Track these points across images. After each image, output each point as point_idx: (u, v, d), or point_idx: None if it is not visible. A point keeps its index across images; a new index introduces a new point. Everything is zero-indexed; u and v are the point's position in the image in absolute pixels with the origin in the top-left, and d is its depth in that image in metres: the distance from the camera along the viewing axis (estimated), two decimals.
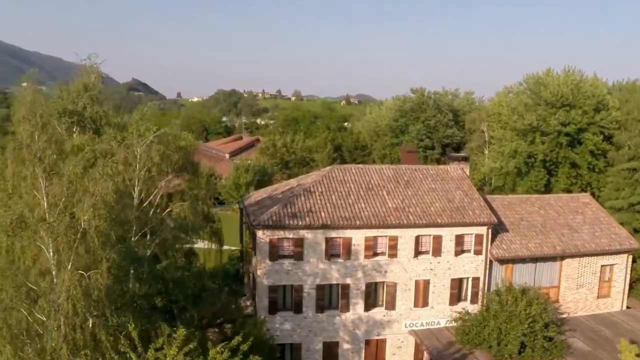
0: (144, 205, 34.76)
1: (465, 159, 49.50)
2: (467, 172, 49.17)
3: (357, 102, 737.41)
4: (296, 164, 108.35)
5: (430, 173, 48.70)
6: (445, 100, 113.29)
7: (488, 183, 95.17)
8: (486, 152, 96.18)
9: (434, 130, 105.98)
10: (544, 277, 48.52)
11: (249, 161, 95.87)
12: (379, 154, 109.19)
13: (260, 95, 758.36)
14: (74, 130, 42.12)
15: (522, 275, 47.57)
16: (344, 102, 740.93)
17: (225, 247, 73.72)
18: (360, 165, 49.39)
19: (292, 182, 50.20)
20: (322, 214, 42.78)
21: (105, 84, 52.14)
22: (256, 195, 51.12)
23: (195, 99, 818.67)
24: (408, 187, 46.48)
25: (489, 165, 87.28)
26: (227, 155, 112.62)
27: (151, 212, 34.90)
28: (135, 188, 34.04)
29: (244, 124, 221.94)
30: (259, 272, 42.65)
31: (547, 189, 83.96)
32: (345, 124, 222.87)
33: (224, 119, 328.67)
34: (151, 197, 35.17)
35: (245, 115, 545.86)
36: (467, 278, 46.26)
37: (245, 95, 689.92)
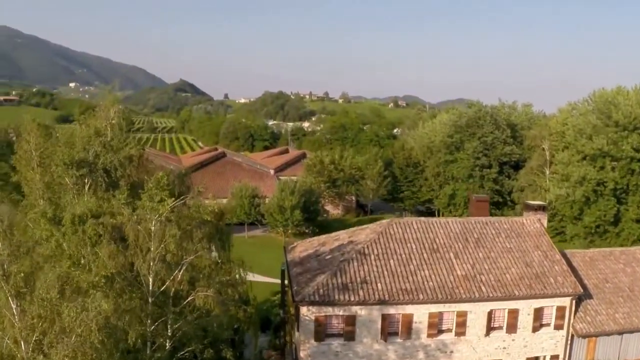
0: (158, 294, 28.56)
1: (542, 208, 42.68)
2: (545, 223, 42.55)
3: (404, 104, 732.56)
4: (344, 181, 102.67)
5: (504, 227, 41.76)
6: (502, 114, 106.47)
7: (550, 209, 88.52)
8: (547, 171, 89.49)
9: (491, 148, 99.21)
10: (630, 348, 41.42)
11: (295, 180, 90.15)
12: (432, 171, 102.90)
13: (307, 97, 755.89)
14: (86, 182, 35.10)
15: (606, 349, 40.71)
16: (391, 104, 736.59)
17: (267, 279, 68.54)
18: (423, 219, 42.31)
19: (343, 235, 43.64)
20: (379, 285, 36.35)
21: (128, 117, 44.70)
22: (301, 248, 44.62)
23: (242, 101, 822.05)
24: (479, 246, 39.77)
25: (554, 193, 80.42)
26: (272, 171, 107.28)
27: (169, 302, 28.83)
28: (149, 276, 27.85)
29: (290, 132, 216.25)
30: (302, 354, 36.38)
31: (616, 219, 77.46)
32: (395, 130, 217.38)
33: (270, 123, 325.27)
34: (167, 282, 28.66)
35: (292, 117, 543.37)
36: (545, 356, 39.48)
37: (292, 97, 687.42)
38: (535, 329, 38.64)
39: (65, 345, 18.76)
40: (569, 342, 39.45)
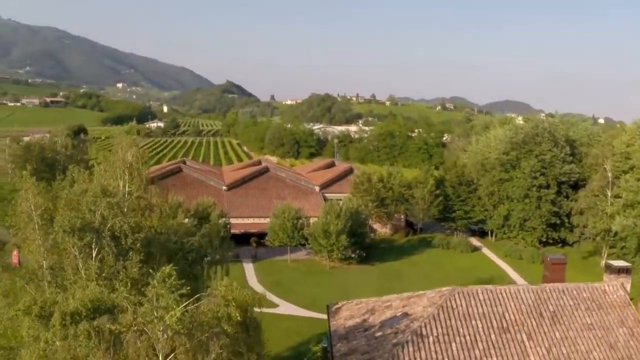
0: None
1: (626, 271, 36.82)
2: (628, 288, 36.59)
3: (452, 107, 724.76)
4: (393, 200, 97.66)
5: (583, 297, 35.48)
6: (560, 130, 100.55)
7: (610, 236, 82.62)
8: (609, 194, 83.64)
9: (549, 166, 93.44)
10: None
11: (341, 202, 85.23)
12: (486, 190, 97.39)
13: (354, 99, 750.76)
14: (93, 249, 29.33)
15: None
16: (439, 107, 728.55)
17: (310, 314, 63.89)
18: (490, 287, 35.75)
19: (396, 302, 37.83)
20: None
21: (147, 160, 38.29)
22: (346, 313, 38.79)
23: (289, 102, 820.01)
24: (555, 323, 33.60)
25: (620, 223, 74.50)
26: (317, 188, 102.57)
27: None
28: None
29: (336, 141, 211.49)
30: None
31: None
32: (444, 138, 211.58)
33: (316, 127, 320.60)
34: None
35: (338, 120, 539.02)
36: None
37: (339, 99, 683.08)
38: None
39: None
40: None
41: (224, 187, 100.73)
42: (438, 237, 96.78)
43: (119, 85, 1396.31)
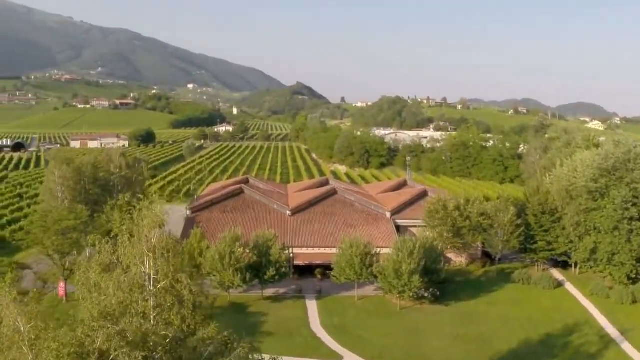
0: None
1: None
2: None
3: (525, 111, 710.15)
4: (470, 230, 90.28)
5: None
6: None
7: None
8: None
9: None
10: None
11: (415, 239, 77.78)
12: (572, 220, 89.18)
13: (425, 102, 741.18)
14: None
15: None
16: (511, 111, 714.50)
17: None
18: None
19: None
20: None
21: (174, 247, 32.59)
22: None
23: (359, 104, 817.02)
24: None
25: None
26: (388, 214, 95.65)
27: None
28: None
29: (409, 157, 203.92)
30: None
31: None
32: (521, 148, 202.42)
33: (386, 133, 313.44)
34: None
35: (409, 125, 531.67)
36: None
37: (410, 102, 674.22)
38: None
39: None
40: None
41: (288, 212, 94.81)
42: (518, 271, 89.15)
43: (190, 86, 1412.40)
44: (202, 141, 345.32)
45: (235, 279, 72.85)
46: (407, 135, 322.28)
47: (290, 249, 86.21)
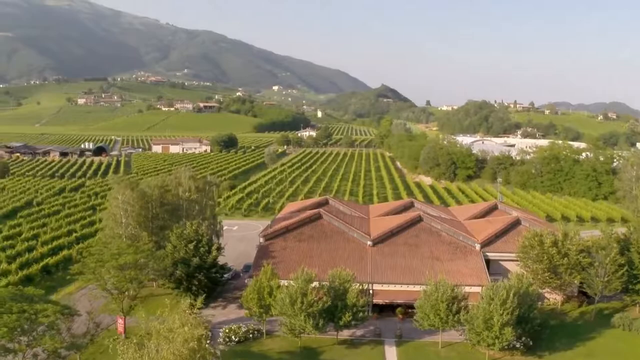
0: None
1: None
2: None
3: (614, 116, 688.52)
4: (567, 268, 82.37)
5: None
6: None
7: None
8: None
9: None
10: None
11: (508, 286, 69.91)
12: None
13: (511, 106, 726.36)
14: None
15: None
16: (600, 117, 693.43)
17: None
18: None
19: None
20: None
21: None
22: None
23: (445, 108, 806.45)
24: None
25: None
26: (478, 246, 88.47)
27: None
28: None
29: (497, 167, 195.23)
30: None
31: None
32: (614, 163, 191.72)
33: (473, 141, 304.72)
34: None
35: (495, 130, 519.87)
36: None
37: (497, 106, 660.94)
38: None
39: None
40: None
41: (369, 242, 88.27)
42: (618, 316, 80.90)
43: (275, 87, 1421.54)
44: (285, 147, 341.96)
45: (307, 325, 66.77)
46: (494, 144, 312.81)
47: (370, 285, 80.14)
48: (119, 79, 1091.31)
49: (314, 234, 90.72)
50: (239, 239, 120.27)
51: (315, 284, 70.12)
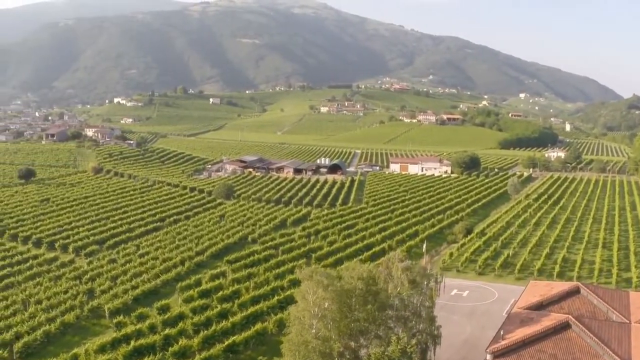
0: None
1: None
2: None
3: None
4: None
5: None
6: None
7: None
8: None
9: None
10: None
11: None
12: None
13: None
14: None
15: None
16: None
17: None
18: None
19: None
20: None
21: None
22: None
23: None
24: None
25: None
26: None
27: None
28: None
29: None
30: None
31: None
32: None
33: None
34: None
35: None
36: None
37: None
38: None
39: None
40: None
41: None
42: None
43: (522, 95, 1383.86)
44: (531, 170, 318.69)
45: None
46: None
47: None
48: (362, 87, 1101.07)
49: (557, 353, 67.63)
50: (467, 313, 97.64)
51: None
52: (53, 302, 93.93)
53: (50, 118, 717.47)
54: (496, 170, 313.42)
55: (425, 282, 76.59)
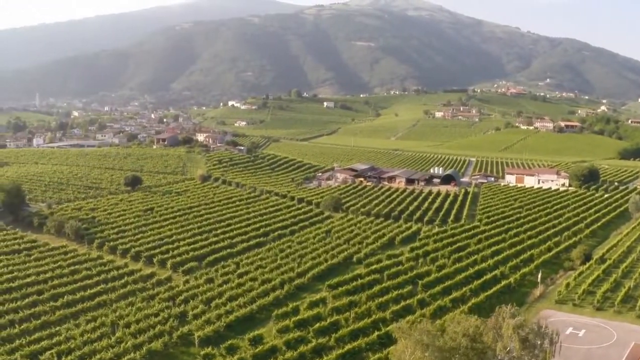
0: None
1: None
2: None
3: None
4: None
5: None
6: None
7: None
8: None
9: None
10: None
11: None
12: None
13: None
14: None
15: None
16: None
17: None
18: None
19: None
20: None
21: None
22: None
23: None
24: None
25: None
26: None
27: None
28: None
29: None
30: None
31: None
32: None
33: None
34: None
35: None
36: None
37: None
38: None
39: None
40: None
41: None
42: None
43: None
44: None
45: None
46: None
47: None
48: (478, 91, 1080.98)
49: None
50: (581, 358, 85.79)
51: None
52: (142, 326, 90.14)
53: (165, 120, 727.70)
54: (616, 183, 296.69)
55: (539, 342, 68.13)
